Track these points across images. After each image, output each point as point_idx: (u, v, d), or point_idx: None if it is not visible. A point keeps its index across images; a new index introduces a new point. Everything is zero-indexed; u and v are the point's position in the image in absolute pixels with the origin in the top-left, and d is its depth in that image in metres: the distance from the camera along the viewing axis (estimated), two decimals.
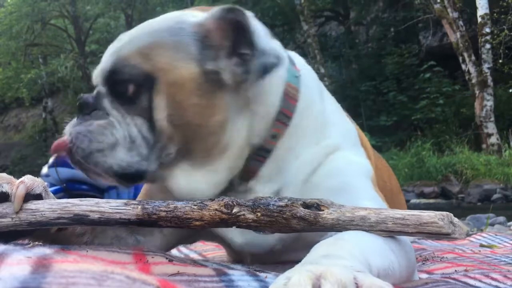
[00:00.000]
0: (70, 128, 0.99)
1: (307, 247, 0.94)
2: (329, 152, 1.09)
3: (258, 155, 1.05)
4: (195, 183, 1.01)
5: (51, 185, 4.09)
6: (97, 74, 1.03)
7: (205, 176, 1.01)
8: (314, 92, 1.13)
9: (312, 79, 1.17)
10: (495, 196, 8.74)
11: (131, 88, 0.95)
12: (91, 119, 0.98)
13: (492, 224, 3.99)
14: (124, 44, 0.99)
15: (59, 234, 0.95)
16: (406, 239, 0.90)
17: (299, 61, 1.19)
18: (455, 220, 0.81)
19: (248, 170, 1.05)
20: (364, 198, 1.01)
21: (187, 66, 0.95)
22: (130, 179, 0.99)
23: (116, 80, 0.98)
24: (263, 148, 1.04)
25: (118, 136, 0.96)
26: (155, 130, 0.96)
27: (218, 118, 0.97)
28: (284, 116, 1.05)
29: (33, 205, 0.82)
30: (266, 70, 0.94)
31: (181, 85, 0.94)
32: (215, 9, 0.98)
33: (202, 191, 1.01)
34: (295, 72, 1.10)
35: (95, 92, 1.03)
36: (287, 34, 17.86)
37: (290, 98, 1.06)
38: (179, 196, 1.02)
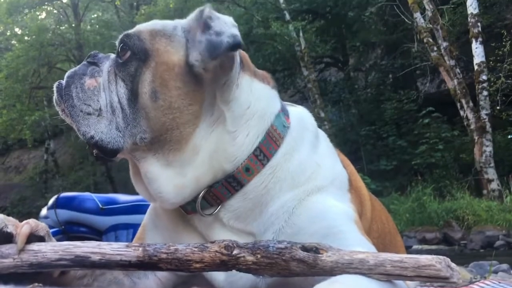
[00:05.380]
0: (68, 72, 1.18)
1: None
2: (310, 192, 1.11)
3: (229, 184, 1.08)
4: (163, 178, 1.08)
5: (50, 227, 4.05)
6: None
7: (173, 177, 1.07)
8: (302, 144, 1.17)
9: (305, 132, 1.21)
10: (498, 242, 8.59)
11: (128, 54, 1.12)
12: (86, 76, 1.15)
13: (495, 272, 3.91)
14: (147, 24, 1.19)
15: (61, 278, 0.95)
16: (401, 282, 0.90)
17: (307, 118, 1.26)
18: (453, 264, 0.81)
19: (214, 194, 1.08)
20: (353, 243, 1.01)
21: (177, 52, 1.10)
22: (106, 152, 1.10)
23: (123, 45, 1.11)
24: (235, 178, 1.08)
25: (102, 103, 1.10)
26: (136, 105, 1.07)
27: (194, 108, 1.08)
28: (261, 153, 1.09)
29: (35, 246, 0.82)
30: (214, 47, 1.03)
31: (170, 67, 1.08)
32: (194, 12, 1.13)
33: (167, 192, 1.07)
34: (285, 122, 1.16)
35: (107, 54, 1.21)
36: (288, 79, 18.18)
37: (272, 141, 1.11)
38: (148, 185, 1.10)
